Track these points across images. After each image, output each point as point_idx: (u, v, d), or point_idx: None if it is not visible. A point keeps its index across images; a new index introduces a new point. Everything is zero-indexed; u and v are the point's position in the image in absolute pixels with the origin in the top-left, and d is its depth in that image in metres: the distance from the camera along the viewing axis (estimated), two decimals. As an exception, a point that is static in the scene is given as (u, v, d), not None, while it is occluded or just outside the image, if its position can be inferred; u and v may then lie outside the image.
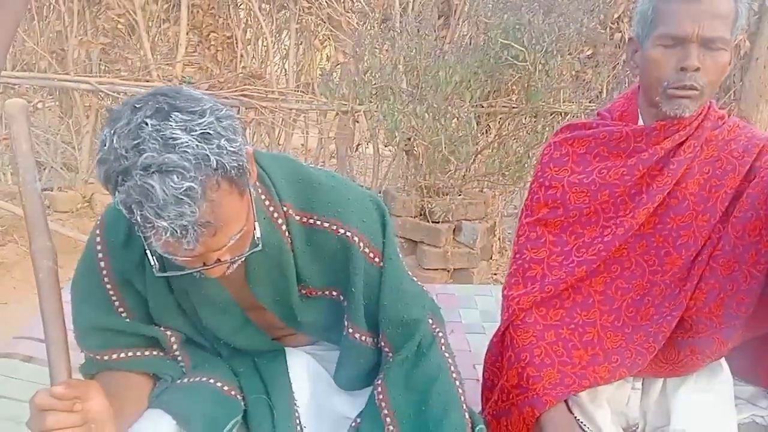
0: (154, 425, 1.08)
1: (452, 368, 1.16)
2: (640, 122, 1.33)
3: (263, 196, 1.06)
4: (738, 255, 1.24)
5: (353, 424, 1.15)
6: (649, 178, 1.30)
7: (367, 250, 1.10)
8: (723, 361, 1.32)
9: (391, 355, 1.14)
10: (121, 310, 1.12)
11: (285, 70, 4.16)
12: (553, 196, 1.36)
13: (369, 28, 3.83)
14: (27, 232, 0.93)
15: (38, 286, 0.90)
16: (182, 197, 0.80)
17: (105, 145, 0.81)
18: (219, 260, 0.92)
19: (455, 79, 2.89)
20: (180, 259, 0.90)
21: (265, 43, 3.96)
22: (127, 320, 1.13)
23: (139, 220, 0.82)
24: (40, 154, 3.84)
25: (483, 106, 3.18)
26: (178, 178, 0.79)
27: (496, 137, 3.31)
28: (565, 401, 1.27)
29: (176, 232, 0.82)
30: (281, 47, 4.17)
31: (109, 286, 1.09)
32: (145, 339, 1.15)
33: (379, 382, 1.12)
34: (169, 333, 1.16)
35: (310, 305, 1.17)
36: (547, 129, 3.06)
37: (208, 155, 0.81)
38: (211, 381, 1.16)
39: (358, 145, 4.35)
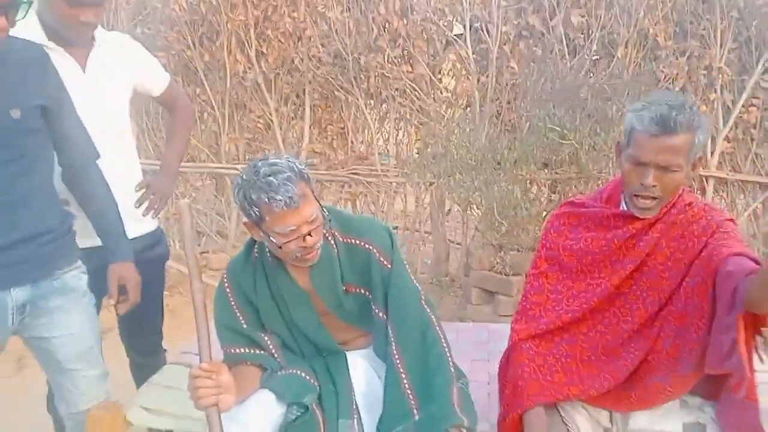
0: (262, 396, 1.60)
1: (442, 335, 1.63)
2: (622, 205, 1.62)
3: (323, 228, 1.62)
4: (688, 311, 1.49)
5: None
6: (625, 249, 1.58)
7: (381, 258, 1.63)
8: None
9: (392, 328, 1.60)
10: (241, 320, 1.67)
11: (387, 150, 4.97)
12: (551, 255, 1.69)
13: (453, 113, 4.57)
14: (189, 279, 1.48)
15: (195, 311, 1.44)
16: (286, 182, 1.42)
17: (239, 184, 1.47)
18: (309, 234, 1.48)
19: (514, 156, 3.55)
20: (283, 233, 1.46)
21: (369, 131, 4.82)
22: (244, 326, 1.66)
23: (263, 206, 1.42)
24: (199, 224, 4.87)
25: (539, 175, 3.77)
26: (282, 174, 1.43)
27: (558, 201, 3.88)
28: (557, 410, 1.57)
29: (287, 201, 1.41)
30: (383, 133, 5.00)
31: (233, 304, 1.67)
32: (255, 341, 1.67)
33: (393, 346, 1.60)
34: (268, 339, 1.67)
35: (350, 298, 1.67)
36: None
37: (293, 167, 1.46)
38: (298, 372, 1.66)
39: (449, 210, 5.02)
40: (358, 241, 1.65)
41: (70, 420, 1.85)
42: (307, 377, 1.67)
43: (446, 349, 1.62)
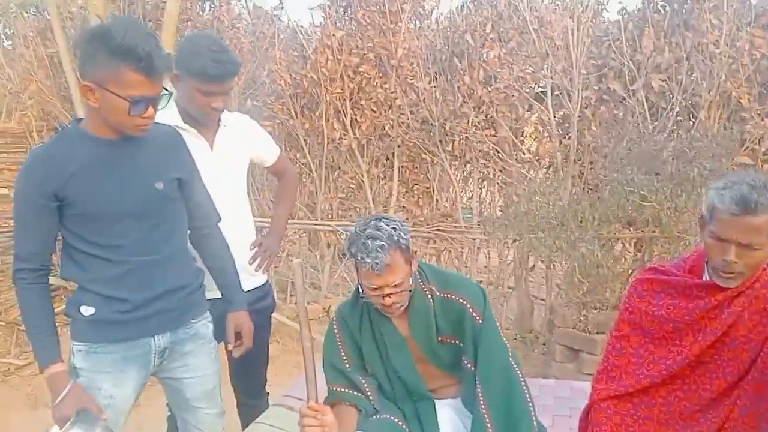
0: None
1: (526, 390, 1.76)
2: (705, 276, 1.64)
3: (420, 281, 1.83)
4: (765, 381, 1.53)
5: None
6: (707, 319, 1.61)
7: (474, 313, 1.78)
8: None
9: (480, 379, 1.74)
10: (345, 360, 1.86)
11: (470, 208, 5.19)
12: (633, 320, 1.72)
13: (535, 174, 4.74)
14: (300, 326, 1.68)
15: (303, 355, 1.63)
16: (379, 249, 1.63)
17: (350, 234, 1.71)
18: (389, 296, 1.69)
19: (595, 215, 3.68)
20: (375, 288, 1.67)
21: (454, 190, 5.08)
22: (348, 367, 1.84)
23: (357, 262, 1.66)
24: (290, 275, 5.25)
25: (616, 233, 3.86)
26: (377, 241, 1.64)
27: (642, 260, 3.94)
28: None
29: (373, 266, 1.63)
30: (467, 192, 5.24)
31: (339, 344, 1.87)
32: (354, 383, 1.83)
33: (480, 397, 1.73)
34: (365, 383, 1.84)
35: (444, 347, 1.84)
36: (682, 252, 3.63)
37: (393, 236, 1.66)
38: (391, 417, 1.83)
39: (533, 266, 5.13)
40: (453, 296, 1.82)
41: None
42: (399, 423, 1.82)
43: (530, 404, 1.74)
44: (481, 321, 1.79)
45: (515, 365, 1.79)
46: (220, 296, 2.09)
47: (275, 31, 5.19)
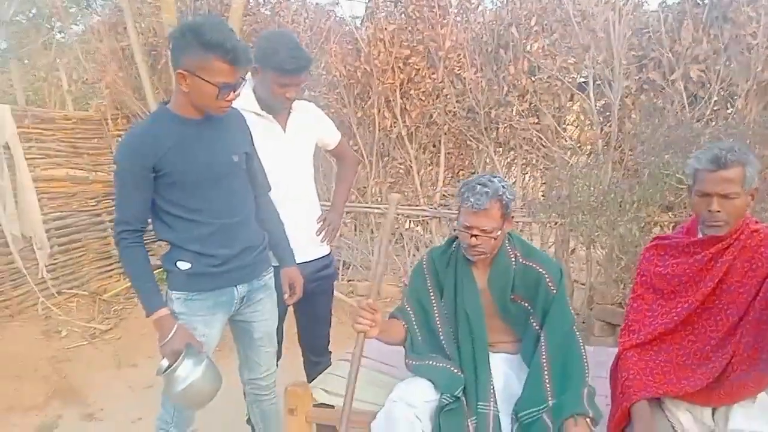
0: (423, 384, 2.01)
1: (584, 355, 1.99)
2: (699, 235, 1.92)
3: (508, 244, 2.09)
4: (763, 320, 1.78)
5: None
6: (705, 270, 1.88)
7: (549, 283, 2.04)
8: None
9: (545, 338, 1.99)
10: (424, 292, 2.16)
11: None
12: (645, 281, 2.01)
13: (577, 160, 4.93)
14: (381, 238, 2.08)
15: (377, 257, 2.06)
16: (483, 193, 1.91)
17: (466, 180, 2.03)
18: (476, 237, 1.95)
19: (634, 198, 3.89)
20: (467, 226, 1.95)
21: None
22: (422, 299, 2.15)
23: (464, 199, 1.94)
24: (348, 256, 5.58)
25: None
26: (486, 188, 1.92)
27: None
28: (659, 406, 1.84)
29: (476, 204, 1.91)
30: (510, 177, 5.46)
31: (426, 277, 2.18)
32: (419, 314, 2.16)
33: (543, 351, 1.98)
34: (437, 313, 2.14)
35: (514, 306, 2.09)
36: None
37: (499, 190, 1.94)
38: (449, 367, 2.05)
39: (573, 249, 5.32)
40: (534, 265, 2.08)
41: (248, 384, 2.46)
42: (456, 371, 2.04)
43: (585, 365, 1.99)
44: (555, 291, 2.05)
45: (577, 333, 2.05)
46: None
47: (331, 25, 5.51)
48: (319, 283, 2.66)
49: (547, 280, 2.05)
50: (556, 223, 4.68)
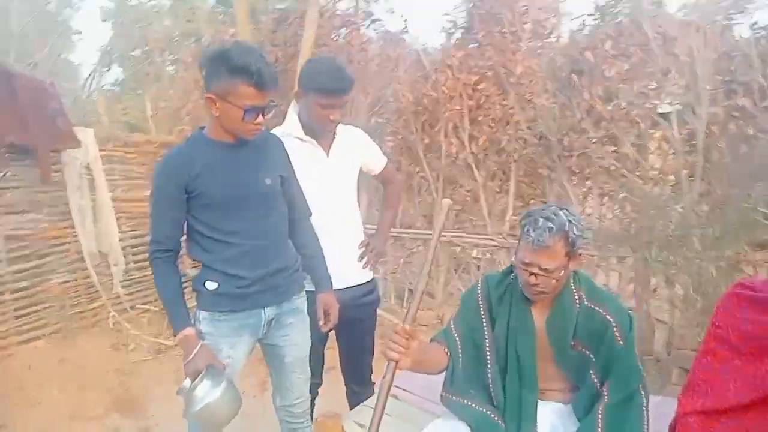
0: (459, 426, 1.88)
1: (645, 421, 1.77)
2: None
3: (572, 283, 1.86)
4: None
5: None
6: None
7: (617, 333, 1.79)
8: None
9: (607, 396, 1.78)
10: (483, 317, 1.97)
11: (588, 225, 5.12)
12: (719, 334, 1.63)
13: (660, 191, 4.60)
14: (429, 255, 1.76)
15: (419, 279, 1.74)
16: (546, 229, 1.72)
17: (529, 212, 1.80)
18: (536, 275, 1.77)
19: (716, 233, 3.56)
20: (527, 263, 1.76)
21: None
22: (471, 327, 1.96)
23: (523, 233, 1.76)
24: (411, 283, 5.49)
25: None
26: (549, 222, 1.72)
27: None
28: None
29: (537, 241, 1.72)
30: (586, 208, 5.19)
31: (479, 303, 1.98)
32: (468, 344, 1.97)
33: (600, 408, 1.77)
34: (488, 349, 1.95)
35: (574, 353, 1.86)
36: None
37: (565, 224, 1.73)
38: (490, 413, 1.89)
39: (655, 288, 4.94)
40: (600, 310, 1.84)
41: (281, 411, 2.40)
42: (497, 419, 1.90)
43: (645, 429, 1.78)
44: (622, 343, 1.81)
45: (643, 393, 1.82)
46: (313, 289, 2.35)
47: (400, 53, 5.51)
48: (362, 309, 2.60)
49: (615, 328, 1.81)
50: (626, 258, 4.36)
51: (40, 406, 3.81)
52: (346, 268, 2.50)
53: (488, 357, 1.98)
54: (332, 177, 2.49)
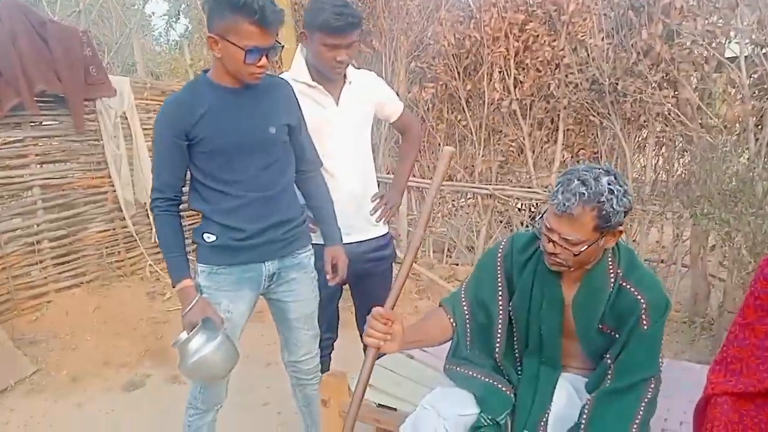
0: (463, 396, 1.72)
1: (640, 413, 1.57)
2: None
3: (610, 258, 1.65)
4: None
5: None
6: None
7: (644, 316, 1.59)
8: None
9: (609, 381, 1.62)
10: (499, 284, 1.76)
11: (643, 179, 4.77)
12: (760, 305, 1.47)
13: (724, 141, 4.17)
14: (419, 219, 1.60)
15: (404, 257, 1.66)
16: (576, 194, 1.47)
17: (571, 168, 1.55)
18: (555, 244, 1.55)
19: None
20: (548, 227, 1.55)
21: (625, 157, 4.68)
22: (485, 293, 1.77)
23: (554, 192, 1.51)
24: (452, 238, 5.31)
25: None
26: (583, 187, 1.47)
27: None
28: None
29: (561, 205, 1.48)
30: (640, 159, 4.81)
31: (498, 268, 1.78)
32: (479, 312, 1.78)
33: (590, 396, 1.64)
34: (501, 317, 1.75)
35: (600, 336, 1.67)
36: None
37: (602, 194, 1.47)
38: (500, 386, 1.74)
39: (713, 245, 4.56)
40: (634, 290, 1.63)
41: (289, 367, 2.36)
42: (507, 392, 1.76)
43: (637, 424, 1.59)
44: (646, 327, 1.61)
45: (652, 387, 1.62)
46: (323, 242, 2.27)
47: (442, -9, 5.17)
48: (375, 264, 2.50)
49: (643, 310, 1.60)
50: (692, 215, 4.00)
51: (74, 351, 3.91)
52: (357, 222, 2.40)
53: (499, 334, 1.81)
54: (342, 125, 2.35)
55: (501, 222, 5.02)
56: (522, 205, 5.01)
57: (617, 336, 1.65)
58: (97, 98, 4.44)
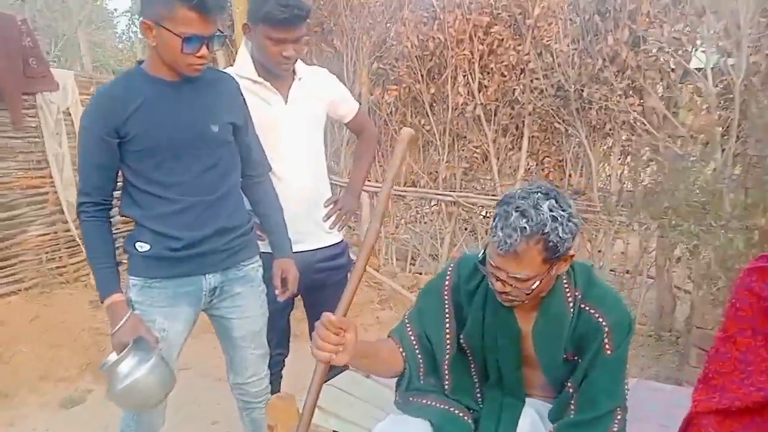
0: (420, 426, 1.55)
1: None
2: None
3: (565, 280, 1.49)
4: None
5: None
6: None
7: (606, 340, 1.45)
8: None
9: (573, 412, 1.50)
10: (447, 317, 1.60)
11: (608, 187, 4.72)
12: (741, 317, 1.40)
13: (690, 151, 4.13)
14: (374, 212, 1.38)
15: (359, 252, 1.36)
16: (517, 229, 1.31)
17: (505, 197, 1.39)
18: (504, 283, 1.40)
19: (748, 201, 3.11)
20: (494, 266, 1.39)
21: (589, 166, 4.60)
22: (433, 323, 1.60)
23: (493, 227, 1.36)
24: (415, 247, 5.16)
25: None
26: (523, 220, 1.31)
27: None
28: None
29: (503, 243, 1.33)
30: (605, 168, 4.75)
31: (445, 297, 1.61)
32: (425, 344, 1.61)
33: (553, 427, 1.51)
34: (448, 353, 1.60)
35: (565, 365, 1.53)
36: None
37: (545, 224, 1.31)
38: (458, 413, 1.59)
39: (679, 257, 4.52)
40: (595, 312, 1.49)
41: (235, 389, 2.17)
42: (465, 418, 1.62)
43: None
44: (609, 352, 1.47)
45: (615, 423, 1.49)
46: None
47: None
48: (328, 273, 2.33)
49: (605, 334, 1.46)
50: (658, 226, 3.93)
51: (8, 365, 3.62)
52: (308, 228, 2.23)
53: (446, 367, 1.65)
54: (291, 124, 2.17)
55: (466, 230, 4.89)
56: (487, 212, 4.89)
57: (579, 360, 1.52)
58: (38, 92, 4.16)
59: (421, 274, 5.04)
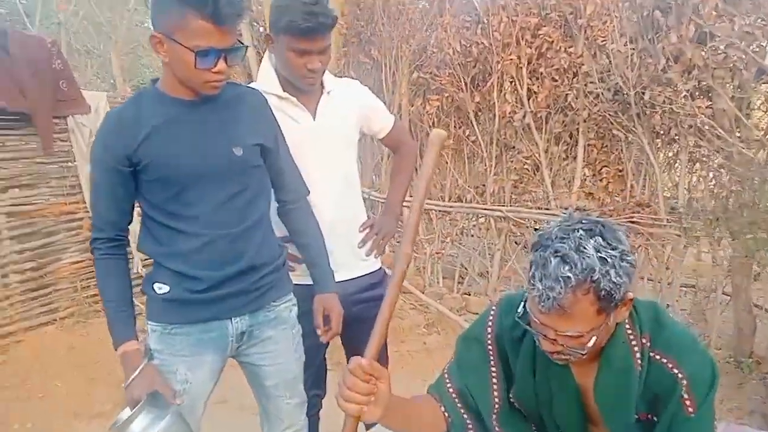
0: None
1: None
2: None
3: (628, 325, 1.27)
4: None
5: None
6: None
7: (686, 396, 1.21)
8: None
9: None
10: (493, 369, 1.40)
11: (676, 198, 4.31)
12: None
13: (766, 157, 3.73)
14: (405, 233, 1.21)
15: (391, 280, 1.19)
16: (560, 280, 1.10)
17: (537, 238, 1.19)
18: (553, 342, 1.19)
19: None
20: (536, 320, 1.19)
21: (653, 175, 4.22)
22: (479, 380, 1.40)
23: (530, 278, 1.14)
24: (463, 265, 4.87)
25: None
26: (565, 268, 1.10)
27: None
28: None
29: (543, 297, 1.12)
30: (671, 177, 4.36)
31: (490, 352, 1.41)
32: (471, 405, 1.41)
33: None
34: (496, 410, 1.40)
35: (638, 425, 1.30)
36: None
37: (594, 270, 1.10)
38: None
39: (759, 273, 4.09)
40: (667, 362, 1.25)
41: None
42: None
43: None
44: (693, 412, 1.22)
45: None
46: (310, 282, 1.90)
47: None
48: (366, 306, 2.09)
49: (684, 389, 1.21)
50: (733, 239, 3.54)
51: (42, 400, 3.53)
52: (342, 257, 2.04)
53: (496, 426, 1.42)
54: (321, 143, 1.98)
55: (517, 244, 4.57)
56: (540, 227, 4.55)
57: (655, 419, 1.28)
58: (69, 115, 4.07)
59: (469, 294, 4.75)
